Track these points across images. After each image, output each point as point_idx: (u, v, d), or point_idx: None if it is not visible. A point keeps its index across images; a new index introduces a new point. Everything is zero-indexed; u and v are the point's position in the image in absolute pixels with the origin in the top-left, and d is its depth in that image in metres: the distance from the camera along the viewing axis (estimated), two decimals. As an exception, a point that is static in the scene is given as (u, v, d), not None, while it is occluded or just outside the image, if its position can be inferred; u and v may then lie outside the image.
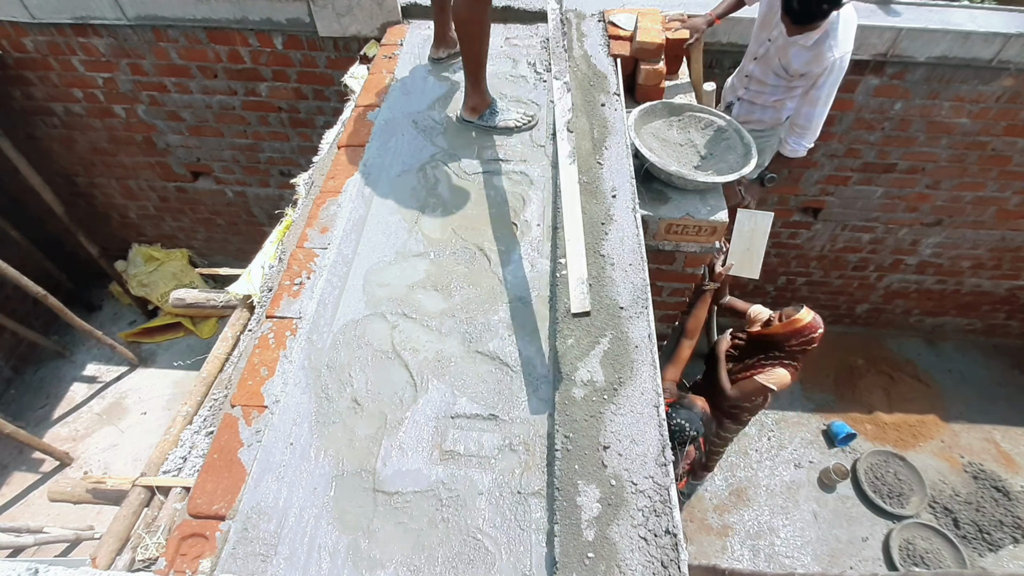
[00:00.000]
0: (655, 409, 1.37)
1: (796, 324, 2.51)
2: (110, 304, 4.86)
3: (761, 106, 2.67)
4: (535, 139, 2.14)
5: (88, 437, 4.05)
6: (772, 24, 2.40)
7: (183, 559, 1.24)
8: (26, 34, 3.13)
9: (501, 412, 1.44)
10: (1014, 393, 4.35)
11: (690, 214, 2.04)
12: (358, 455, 1.38)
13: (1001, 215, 3.66)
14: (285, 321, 1.64)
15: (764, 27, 2.47)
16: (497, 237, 1.83)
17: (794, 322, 2.51)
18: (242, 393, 1.49)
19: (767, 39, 2.46)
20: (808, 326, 2.51)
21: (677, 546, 1.17)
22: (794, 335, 2.54)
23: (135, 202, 4.26)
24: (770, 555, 3.51)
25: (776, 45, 2.42)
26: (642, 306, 1.56)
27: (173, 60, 3.18)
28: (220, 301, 2.15)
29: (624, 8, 2.66)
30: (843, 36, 2.24)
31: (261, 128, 3.55)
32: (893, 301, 4.41)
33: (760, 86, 2.61)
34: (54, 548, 3.38)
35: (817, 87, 2.37)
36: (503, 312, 1.64)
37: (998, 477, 3.86)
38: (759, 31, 2.51)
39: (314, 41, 2.98)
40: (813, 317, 2.54)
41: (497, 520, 1.27)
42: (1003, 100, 3.03)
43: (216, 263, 4.66)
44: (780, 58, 2.42)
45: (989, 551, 3.56)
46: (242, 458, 1.38)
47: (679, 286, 2.42)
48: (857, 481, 3.79)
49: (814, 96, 2.40)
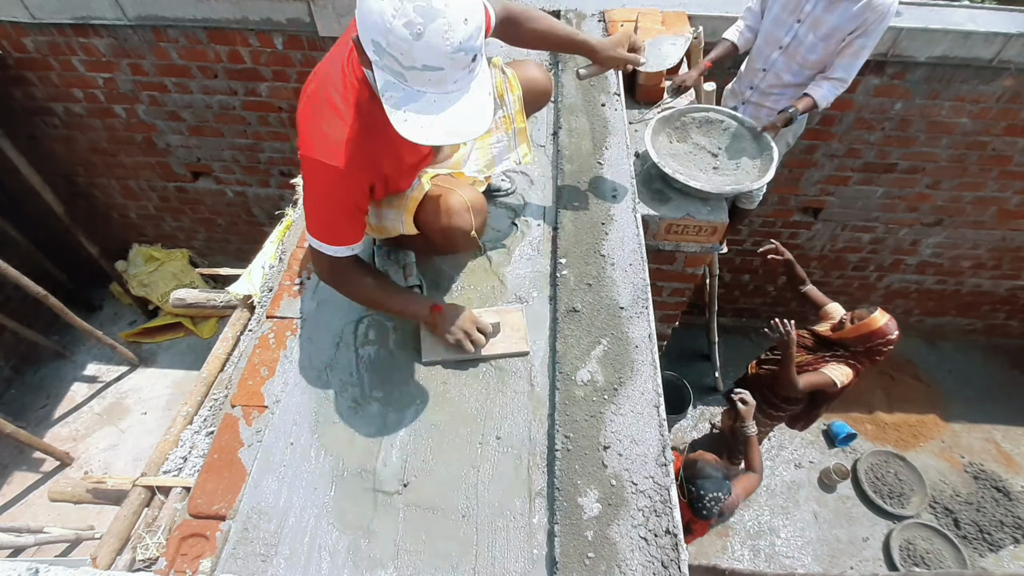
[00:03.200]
0: (655, 409, 1.37)
1: (868, 328, 2.40)
2: (110, 304, 4.86)
3: (770, 109, 2.65)
4: (535, 139, 2.13)
5: (88, 437, 4.05)
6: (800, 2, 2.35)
7: (183, 559, 1.24)
8: (26, 34, 3.13)
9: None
10: (1014, 393, 4.35)
11: (690, 214, 2.04)
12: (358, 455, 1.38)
13: (1001, 215, 3.66)
14: (285, 321, 1.64)
15: (791, 10, 2.40)
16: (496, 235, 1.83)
17: (866, 325, 2.41)
18: (242, 393, 1.49)
19: (795, 21, 2.39)
20: (881, 330, 2.40)
21: (677, 546, 1.17)
22: (865, 339, 2.44)
23: (135, 202, 4.26)
24: (770, 555, 3.51)
25: (812, 19, 2.33)
26: (642, 306, 1.56)
27: (173, 60, 3.18)
28: (220, 301, 2.15)
29: (624, 8, 2.66)
30: None
31: (261, 128, 3.55)
32: (893, 301, 4.41)
33: (774, 83, 2.57)
34: (54, 548, 3.38)
35: (867, 34, 2.28)
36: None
37: (998, 477, 3.86)
38: (785, 15, 2.43)
39: (314, 41, 2.98)
40: (887, 321, 2.42)
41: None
42: (1003, 100, 3.03)
43: (216, 263, 4.66)
44: (815, 31, 2.34)
45: (990, 551, 3.55)
46: (242, 458, 1.38)
47: (679, 286, 2.42)
48: (857, 481, 3.79)
49: (859, 45, 2.31)
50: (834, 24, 2.31)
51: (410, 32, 0.94)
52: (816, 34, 2.36)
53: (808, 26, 2.37)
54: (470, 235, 1.42)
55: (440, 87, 1.04)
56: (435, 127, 1.04)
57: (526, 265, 1.76)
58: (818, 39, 2.37)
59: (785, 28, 2.45)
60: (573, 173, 1.89)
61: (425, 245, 1.58)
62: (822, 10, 2.31)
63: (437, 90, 1.04)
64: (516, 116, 1.64)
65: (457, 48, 0.98)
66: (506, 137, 1.65)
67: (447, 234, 1.43)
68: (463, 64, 1.02)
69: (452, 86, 1.04)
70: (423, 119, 1.03)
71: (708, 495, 2.26)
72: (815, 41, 2.38)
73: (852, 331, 2.48)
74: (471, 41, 1.00)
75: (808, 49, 2.41)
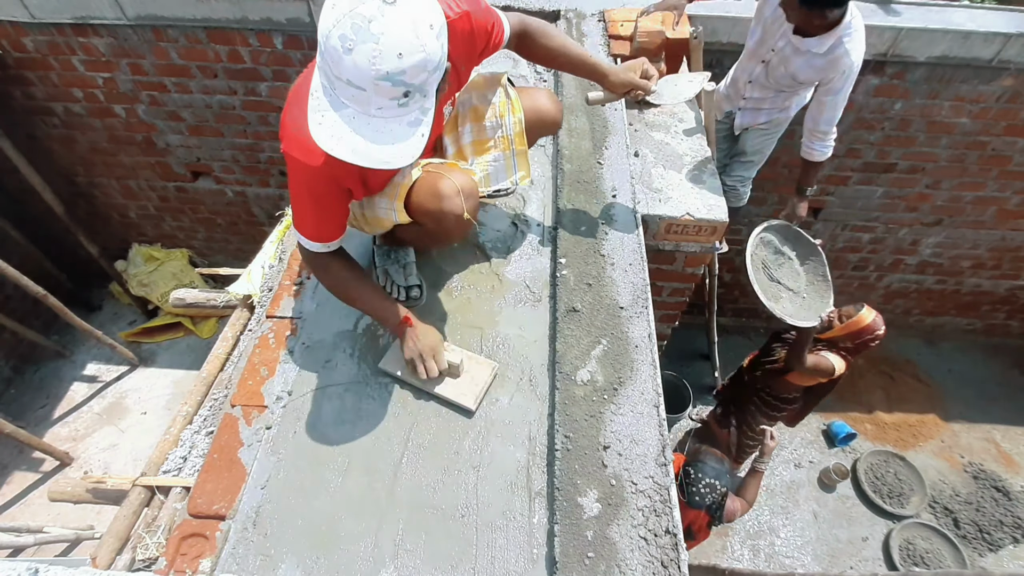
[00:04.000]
0: (655, 409, 1.37)
1: (857, 326, 2.46)
2: (110, 304, 4.85)
3: (768, 109, 2.66)
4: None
5: (88, 437, 4.04)
6: (776, 34, 2.34)
7: (183, 559, 1.24)
8: (26, 34, 3.12)
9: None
10: (1014, 393, 4.35)
11: (690, 213, 2.04)
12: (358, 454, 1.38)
13: (1001, 215, 3.66)
14: (285, 321, 1.65)
15: (766, 38, 2.40)
16: (496, 235, 1.83)
17: (855, 323, 2.47)
18: (242, 393, 1.49)
19: (769, 50, 2.41)
20: (869, 327, 2.46)
21: (677, 546, 1.17)
22: (854, 336, 2.50)
23: (135, 202, 4.26)
24: (770, 555, 3.51)
25: (780, 56, 2.36)
26: (642, 306, 1.56)
27: (173, 60, 3.18)
28: (220, 301, 2.15)
29: (624, 8, 2.66)
30: (857, 40, 2.19)
31: (261, 128, 3.55)
32: (893, 301, 4.41)
33: (763, 91, 2.57)
34: (54, 548, 3.38)
35: (834, 92, 2.30)
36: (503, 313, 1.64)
37: (998, 477, 3.86)
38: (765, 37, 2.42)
39: (314, 41, 2.95)
40: (874, 317, 2.48)
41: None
42: (1003, 100, 3.03)
43: (216, 263, 4.66)
44: (785, 67, 2.37)
45: (989, 551, 3.56)
46: (242, 458, 1.38)
47: (679, 286, 2.42)
48: (857, 481, 3.79)
49: (831, 102, 2.33)
50: (800, 66, 2.32)
51: (341, 45, 0.98)
52: (786, 69, 2.38)
53: (778, 60, 2.39)
54: (463, 218, 1.41)
55: (362, 107, 1.05)
56: (344, 140, 1.06)
57: (526, 265, 1.76)
58: (788, 72, 2.38)
59: (766, 48, 2.44)
60: (573, 173, 1.89)
61: (420, 236, 1.57)
62: (791, 52, 2.32)
63: (359, 109, 1.06)
64: (516, 138, 1.62)
65: (383, 76, 1.00)
66: (503, 157, 1.65)
67: (439, 219, 1.42)
68: (389, 94, 1.03)
69: (375, 111, 1.06)
70: (336, 129, 1.06)
71: (704, 479, 2.27)
72: (785, 73, 2.39)
73: (841, 329, 2.53)
74: (401, 76, 1.01)
75: (781, 76, 2.43)
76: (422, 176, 1.43)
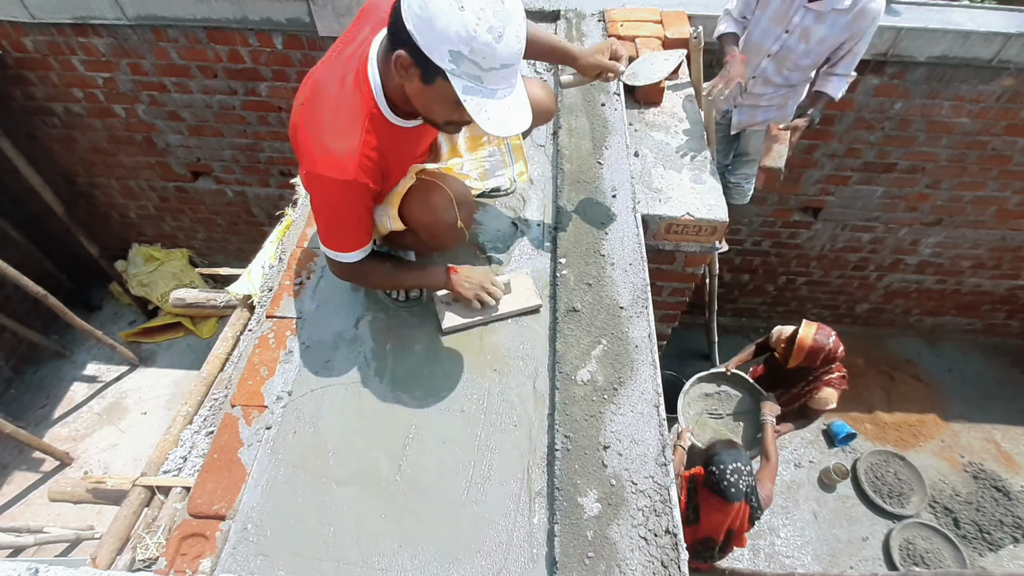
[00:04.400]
0: (655, 409, 1.37)
1: (803, 348, 2.52)
2: (110, 304, 4.86)
3: (765, 108, 2.65)
4: (535, 139, 2.13)
5: (88, 437, 4.05)
6: (789, 12, 2.34)
7: (183, 559, 1.24)
8: (26, 34, 3.12)
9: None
10: (1014, 393, 4.35)
11: (690, 213, 2.04)
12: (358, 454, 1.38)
13: (1001, 215, 3.66)
14: (285, 321, 1.64)
15: (778, 21, 2.39)
16: (496, 235, 1.83)
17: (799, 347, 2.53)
18: (242, 393, 1.49)
19: (783, 31, 2.39)
20: (815, 346, 2.52)
21: (677, 546, 1.17)
22: (810, 357, 2.55)
23: (135, 202, 4.26)
24: (770, 555, 3.51)
25: (800, 29, 2.34)
26: (642, 306, 1.56)
27: (173, 60, 3.18)
28: (220, 301, 2.15)
29: (624, 8, 2.66)
30: None
31: (261, 128, 3.55)
32: (893, 301, 4.41)
33: (765, 87, 2.58)
34: (54, 548, 3.38)
35: (864, 38, 2.31)
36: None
37: (998, 477, 3.86)
38: (772, 26, 2.42)
39: (314, 41, 2.98)
40: (815, 333, 2.53)
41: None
42: (1003, 100, 3.03)
43: (216, 263, 4.66)
44: (805, 41, 2.34)
45: (989, 551, 3.56)
46: (242, 458, 1.38)
47: (679, 286, 2.42)
48: (857, 481, 3.79)
49: (859, 49, 2.35)
50: (824, 33, 2.31)
51: (493, 36, 1.05)
52: (807, 43, 2.36)
53: (797, 36, 2.37)
54: (456, 228, 1.42)
55: (508, 82, 1.15)
56: (509, 119, 1.16)
57: (526, 265, 1.76)
58: (810, 47, 2.37)
59: (772, 38, 2.43)
60: (573, 173, 1.89)
61: (417, 242, 1.59)
62: (812, 21, 2.31)
63: (506, 85, 1.15)
64: None
65: (524, 44, 1.12)
66: (499, 152, 1.66)
67: (432, 229, 1.44)
68: (522, 57, 1.15)
69: (515, 79, 1.17)
70: (501, 113, 1.15)
71: (728, 466, 2.26)
72: (806, 49, 2.38)
73: (795, 356, 2.59)
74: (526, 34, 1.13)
75: (800, 56, 2.41)
76: (415, 184, 1.43)
